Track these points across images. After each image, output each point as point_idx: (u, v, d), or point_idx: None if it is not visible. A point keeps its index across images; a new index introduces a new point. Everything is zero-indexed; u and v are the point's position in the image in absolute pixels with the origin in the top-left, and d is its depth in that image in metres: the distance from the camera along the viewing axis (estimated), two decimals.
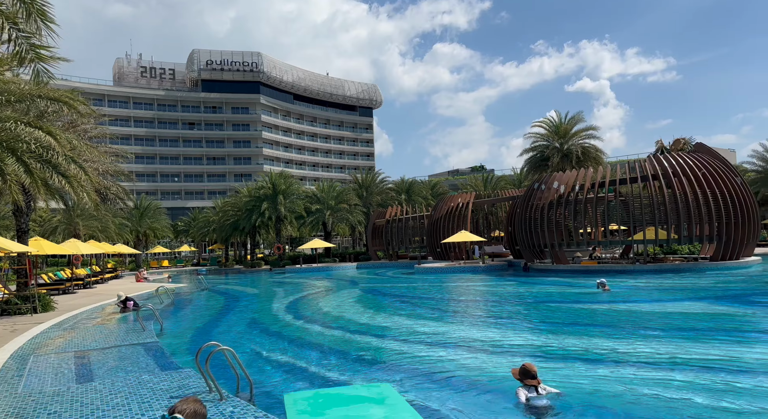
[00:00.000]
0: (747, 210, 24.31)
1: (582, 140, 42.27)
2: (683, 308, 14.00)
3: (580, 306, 15.02)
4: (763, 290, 16.73)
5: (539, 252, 29.86)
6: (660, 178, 25.12)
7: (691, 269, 24.27)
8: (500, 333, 11.47)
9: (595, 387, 6.85)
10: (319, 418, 4.47)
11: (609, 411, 5.94)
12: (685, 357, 8.33)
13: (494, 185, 57.47)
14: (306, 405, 4.97)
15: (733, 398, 6.17)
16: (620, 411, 5.92)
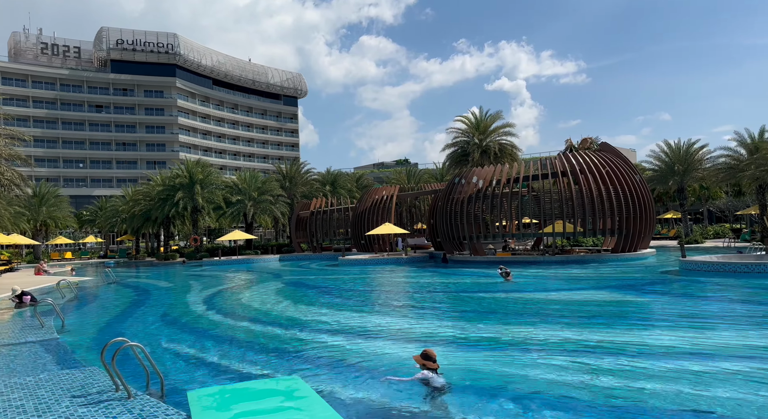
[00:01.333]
0: (644, 206, 26.60)
1: (500, 137, 44.15)
2: (586, 296, 15.11)
3: (491, 296, 15.76)
4: (657, 279, 18.43)
5: (459, 244, 30.91)
6: (568, 174, 26.85)
7: (594, 260, 26.21)
8: (415, 321, 11.77)
9: (494, 369, 7.24)
10: (226, 414, 4.34)
11: (504, 389, 6.29)
12: (585, 341, 8.99)
13: (418, 179, 58.60)
14: (212, 402, 4.81)
15: (632, 379, 6.74)
16: (519, 389, 6.29)
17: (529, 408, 5.72)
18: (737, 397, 5.81)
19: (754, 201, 41.87)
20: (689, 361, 7.35)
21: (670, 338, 9.01)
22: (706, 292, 14.92)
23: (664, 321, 11.02)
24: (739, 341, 8.53)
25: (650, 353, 8.04)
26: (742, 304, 12.74)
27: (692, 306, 12.79)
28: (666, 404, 5.67)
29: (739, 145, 37.79)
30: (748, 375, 6.58)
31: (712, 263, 18.61)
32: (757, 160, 33.31)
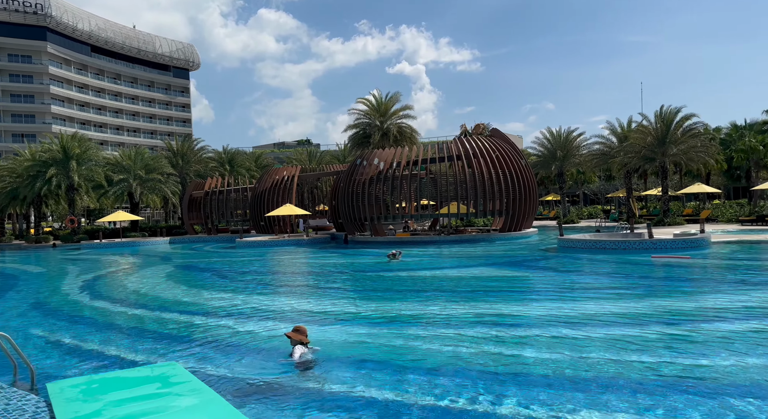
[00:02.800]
0: (529, 189, 28.64)
1: (399, 120, 44.95)
2: (476, 273, 16.03)
3: (391, 275, 16.16)
4: (538, 256, 20.02)
5: (360, 225, 31.21)
6: (463, 158, 28.08)
7: (484, 239, 27.84)
8: (313, 302, 11.73)
9: (383, 342, 7.46)
10: (92, 405, 3.99)
11: (387, 361, 6.51)
12: (474, 313, 9.54)
13: (319, 159, 58.02)
14: (77, 393, 4.40)
15: (517, 348, 7.25)
16: (405, 360, 6.54)
17: (413, 377, 5.94)
18: (611, 358, 6.48)
19: (622, 185, 46.90)
20: (567, 329, 8.08)
21: (550, 308, 9.84)
22: (580, 267, 16.49)
23: (544, 293, 12.03)
24: (608, 309, 9.54)
25: (532, 322, 8.73)
26: (610, 277, 14.27)
27: (568, 280, 14.08)
28: (546, 370, 6.17)
29: (610, 133, 41.89)
30: (620, 339, 7.38)
31: (585, 241, 20.58)
32: (626, 148, 37.16)
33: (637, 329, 7.90)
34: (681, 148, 34.16)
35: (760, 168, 43.44)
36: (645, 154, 35.60)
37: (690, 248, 18.25)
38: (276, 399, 5.50)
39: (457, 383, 5.75)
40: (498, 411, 4.92)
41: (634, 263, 16.19)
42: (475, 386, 5.62)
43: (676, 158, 35.20)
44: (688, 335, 7.52)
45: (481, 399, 5.21)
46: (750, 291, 10.92)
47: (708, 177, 46.15)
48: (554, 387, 5.50)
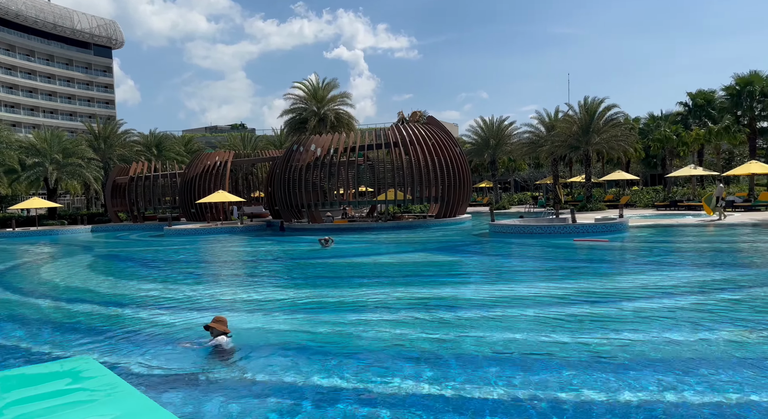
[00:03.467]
0: (463, 176, 29.33)
1: (337, 106, 44.52)
2: (412, 258, 16.27)
3: (326, 261, 16.07)
4: (471, 241, 20.60)
5: (297, 212, 30.78)
6: (400, 145, 28.27)
7: (421, 225, 28.29)
8: (243, 290, 11.44)
9: (309, 329, 7.44)
10: None
11: (313, 348, 6.51)
12: (412, 297, 9.68)
13: (254, 145, 56.43)
14: None
15: (447, 330, 7.42)
16: (332, 346, 6.55)
17: (347, 363, 5.95)
18: (537, 339, 6.78)
19: (549, 172, 49.08)
20: (498, 309, 8.38)
21: (482, 290, 10.17)
22: (509, 251, 17.14)
23: (477, 276, 12.42)
24: (534, 290, 9.97)
25: (466, 304, 8.98)
26: (537, 260, 14.92)
27: (498, 263, 14.60)
28: (480, 348, 6.36)
29: (539, 122, 43.61)
30: (546, 318, 7.72)
31: (514, 226, 21.39)
32: (553, 137, 38.86)
33: (562, 308, 8.31)
34: (603, 137, 36.14)
35: (673, 156, 46.80)
36: (570, 142, 37.38)
37: (610, 232, 19.43)
38: (196, 390, 5.35)
39: (396, 366, 5.80)
40: (440, 392, 5.00)
41: (559, 246, 17.04)
42: (414, 369, 5.69)
43: (598, 147, 37.21)
44: (609, 313, 8.00)
45: (420, 382, 5.28)
46: (664, 271, 11.79)
47: (628, 164, 49.27)
48: (492, 366, 5.67)
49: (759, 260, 13.37)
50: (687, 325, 7.01)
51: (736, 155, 54.21)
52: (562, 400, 4.66)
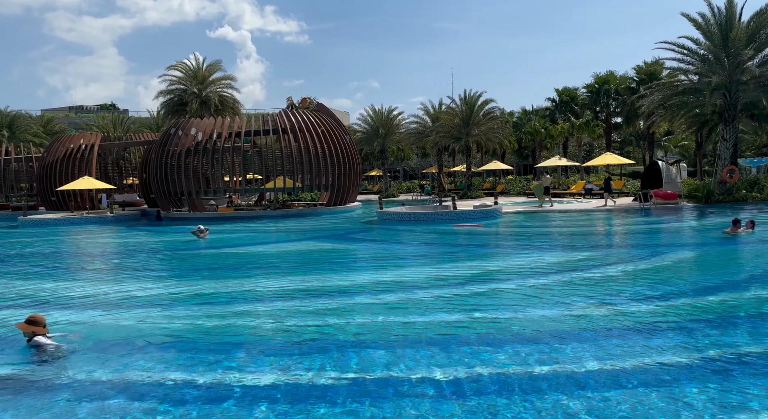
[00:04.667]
0: (353, 164, 29.54)
1: (221, 89, 42.34)
2: (302, 246, 16.11)
3: (206, 252, 15.34)
4: (360, 228, 20.88)
5: (176, 200, 28.91)
6: (288, 132, 27.70)
7: (311, 213, 28.08)
8: (107, 286, 10.53)
9: (177, 324, 7.13)
10: None
11: (178, 342, 6.27)
12: (300, 286, 9.58)
13: (127, 127, 51.82)
14: None
15: (338, 317, 7.44)
16: (203, 340, 6.34)
17: (217, 356, 5.75)
18: (434, 319, 7.04)
19: (435, 161, 51.23)
20: (389, 294, 8.60)
21: (371, 276, 10.36)
22: (396, 237, 17.65)
23: (365, 262, 12.63)
24: (423, 274, 10.38)
25: (355, 291, 9.09)
26: (421, 246, 15.55)
27: (386, 249, 14.98)
28: (372, 335, 6.46)
29: (424, 114, 45.24)
30: (439, 298, 8.06)
31: (401, 213, 22.08)
32: (437, 128, 40.57)
33: (444, 290, 8.76)
34: (482, 129, 38.51)
35: (542, 148, 51.28)
36: (453, 133, 39.34)
37: (486, 218, 20.82)
38: (10, 395, 4.92)
39: (284, 355, 5.69)
40: (329, 380, 4.99)
41: (441, 232, 17.92)
42: (301, 358, 5.62)
43: (477, 138, 39.59)
44: (487, 292, 8.58)
45: (309, 370, 5.22)
46: (530, 252, 12.90)
47: (503, 155, 52.99)
48: (380, 349, 5.78)
49: (611, 241, 15.20)
50: (551, 301, 7.75)
51: (595, 147, 60.77)
52: (436, 378, 4.90)
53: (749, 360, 5.16)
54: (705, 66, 24.75)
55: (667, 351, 5.50)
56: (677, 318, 6.76)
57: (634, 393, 4.44)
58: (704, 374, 4.86)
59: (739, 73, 23.38)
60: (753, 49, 23.47)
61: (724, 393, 4.42)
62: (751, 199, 23.89)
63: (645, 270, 10.34)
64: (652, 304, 7.45)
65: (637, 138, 51.46)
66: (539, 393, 4.50)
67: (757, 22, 23.50)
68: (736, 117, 24.86)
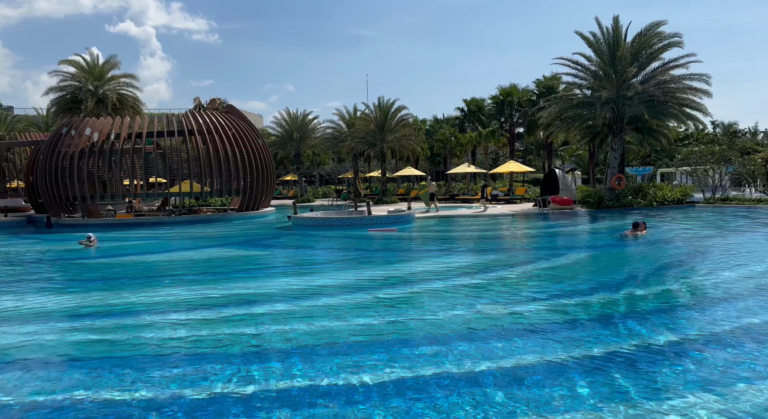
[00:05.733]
0: (266, 168, 28.78)
1: (120, 87, 39.55)
2: (209, 254, 15.36)
3: (98, 262, 14.19)
4: (273, 234, 20.34)
5: (68, 205, 26.51)
6: (195, 133, 26.43)
7: (221, 219, 26.95)
8: None
9: (69, 340, 6.56)
10: None
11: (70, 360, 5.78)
12: (207, 294, 9.09)
13: (11, 126, 46.79)
14: None
15: (252, 326, 7.11)
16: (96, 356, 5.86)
17: (103, 373, 5.31)
18: (340, 325, 6.92)
19: (351, 166, 51.34)
20: (301, 300, 8.39)
21: (283, 282, 10.07)
22: (310, 242, 17.41)
23: (277, 269, 12.29)
24: (337, 279, 10.26)
25: (266, 299, 8.77)
26: (336, 251, 15.44)
27: (299, 255, 14.70)
28: (280, 344, 6.22)
29: (340, 119, 45.28)
30: (350, 303, 7.95)
31: (316, 218, 21.84)
32: (353, 133, 40.74)
33: (361, 294, 8.71)
34: (396, 135, 39.24)
35: (453, 155, 53.21)
36: (368, 139, 39.73)
37: (399, 223, 21.16)
38: None
39: (184, 369, 5.31)
40: (238, 392, 4.72)
41: (356, 237, 17.93)
42: (212, 371, 5.29)
43: (392, 144, 40.28)
44: (401, 296, 8.65)
45: (216, 383, 4.91)
46: (441, 256, 13.26)
47: (417, 161, 54.32)
48: (296, 358, 5.58)
49: (514, 244, 16.02)
50: (464, 303, 7.98)
51: (501, 155, 64.18)
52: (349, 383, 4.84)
53: (639, 355, 5.60)
54: (596, 81, 27.02)
55: (561, 347, 5.84)
56: (577, 316, 7.23)
57: (526, 390, 4.65)
58: (594, 369, 5.20)
59: (625, 88, 25.77)
60: (636, 67, 25.98)
61: (606, 386, 4.76)
62: (636, 205, 26.35)
63: (544, 270, 11.00)
64: (549, 303, 7.92)
65: (538, 147, 55.04)
66: (451, 392, 4.58)
67: (639, 43, 26.07)
68: (622, 129, 27.35)
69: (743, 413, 4.05)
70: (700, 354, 5.49)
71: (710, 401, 4.27)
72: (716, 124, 59.86)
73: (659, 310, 7.38)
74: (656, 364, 5.17)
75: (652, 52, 26.15)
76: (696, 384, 4.64)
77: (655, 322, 6.70)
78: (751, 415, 4.01)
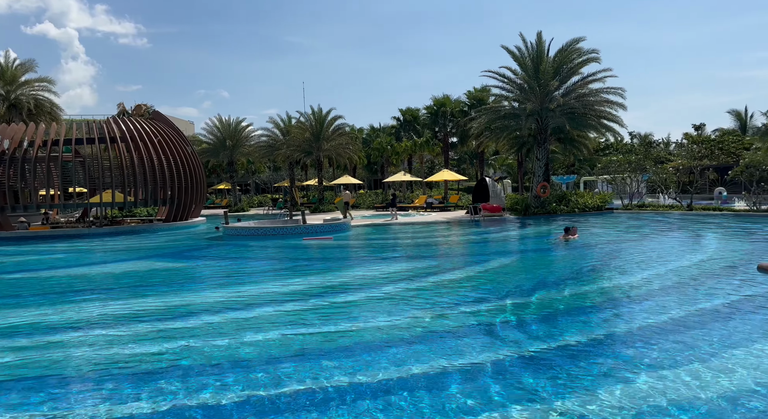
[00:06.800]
0: (195, 177, 27.81)
1: (36, 91, 36.98)
2: (132, 267, 14.60)
3: (13, 277, 13.15)
4: (203, 245, 19.64)
5: None
6: (118, 141, 25.15)
7: (146, 230, 25.70)
8: None
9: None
10: None
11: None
12: (133, 311, 8.62)
13: None
14: None
15: (182, 340, 6.80)
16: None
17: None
18: (279, 336, 6.75)
19: (287, 175, 50.61)
20: (233, 312, 8.15)
21: (213, 295, 9.73)
22: (243, 253, 16.96)
23: (207, 281, 11.86)
24: (271, 289, 10.04)
25: (193, 312, 8.43)
26: (270, 261, 15.14)
27: (231, 266, 14.27)
28: (203, 360, 5.99)
29: (275, 127, 44.61)
30: (285, 315, 7.78)
31: (249, 228, 21.33)
32: (288, 142, 40.25)
33: (296, 304, 8.57)
34: (332, 144, 39.17)
35: (390, 164, 53.80)
36: (304, 148, 39.40)
37: (336, 231, 21.09)
38: None
39: (108, 388, 4.99)
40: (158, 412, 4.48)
41: (291, 246, 17.68)
42: (136, 388, 5.00)
43: (328, 153, 40.17)
44: (335, 305, 8.59)
45: (144, 401, 4.64)
46: (379, 263, 13.32)
47: (354, 170, 54.46)
48: (206, 374, 5.39)
49: (447, 251, 16.38)
50: (392, 310, 8.05)
51: (436, 164, 65.58)
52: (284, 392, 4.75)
53: (550, 355, 5.88)
54: (521, 94, 28.30)
55: (479, 349, 6.04)
56: (505, 317, 7.49)
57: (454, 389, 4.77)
58: (518, 367, 5.41)
59: (548, 101, 27.17)
60: (558, 80, 27.47)
61: (519, 384, 4.97)
62: (560, 211, 27.73)
63: (474, 276, 11.32)
64: (481, 306, 8.16)
65: (471, 156, 56.74)
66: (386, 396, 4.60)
67: (561, 58, 27.60)
68: (547, 139, 28.77)
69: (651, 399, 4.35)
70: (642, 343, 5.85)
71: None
72: (633, 135, 64.29)
73: (604, 302, 7.81)
74: (608, 350, 5.46)
75: (572, 66, 27.74)
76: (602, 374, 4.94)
77: (594, 317, 7.07)
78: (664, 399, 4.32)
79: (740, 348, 5.80)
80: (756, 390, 4.63)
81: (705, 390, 4.64)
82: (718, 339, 6.15)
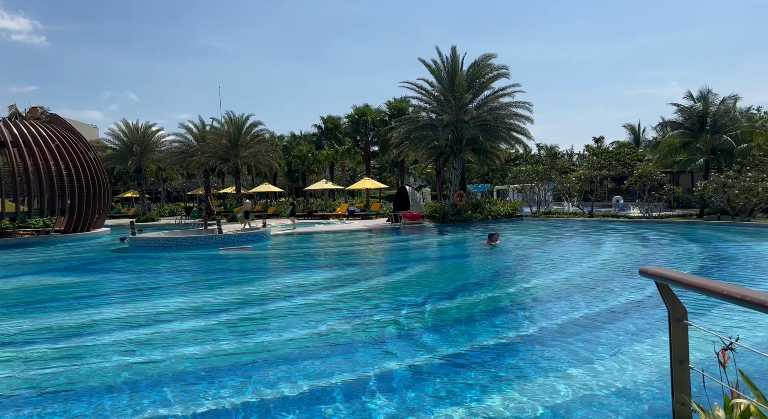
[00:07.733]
0: (98, 185, 25.89)
1: None
2: (25, 282, 13.26)
3: None
4: (107, 258, 18.26)
5: None
6: (9, 145, 22.88)
7: (41, 242, 23.52)
8: None
9: None
10: None
11: None
12: (30, 329, 7.78)
13: None
14: None
15: (69, 361, 6.20)
16: None
17: None
18: (199, 351, 6.33)
19: (202, 183, 48.52)
20: (141, 329, 7.60)
21: (116, 312, 9.03)
22: (150, 265, 15.98)
23: (110, 296, 11.01)
24: (180, 303, 9.48)
25: (91, 331, 7.77)
26: (182, 272, 14.36)
27: (136, 279, 13.37)
28: (100, 380, 5.51)
29: (188, 133, 42.67)
30: (197, 330, 7.33)
31: (158, 238, 20.16)
32: (203, 148, 38.63)
33: (209, 318, 8.15)
34: (250, 151, 38.15)
35: (311, 172, 53.29)
36: (221, 154, 38.02)
37: (254, 241, 20.49)
38: None
39: None
40: None
41: (206, 257, 16.91)
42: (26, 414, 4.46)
43: (246, 160, 39.06)
44: (248, 317, 8.27)
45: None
46: (298, 272, 13.07)
47: (275, 177, 53.36)
48: (126, 392, 4.96)
49: (368, 258, 16.44)
50: (313, 320, 7.91)
51: (358, 172, 65.88)
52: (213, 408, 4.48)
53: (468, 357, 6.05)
54: (438, 105, 29.22)
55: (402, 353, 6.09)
56: (429, 322, 7.60)
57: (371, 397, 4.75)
58: (438, 371, 5.51)
59: (463, 113, 28.27)
60: (472, 93, 28.67)
61: (449, 386, 5.07)
62: (475, 219, 28.86)
63: (397, 282, 11.44)
64: (405, 312, 8.24)
65: (392, 165, 57.62)
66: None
67: (474, 72, 28.85)
68: (462, 150, 29.88)
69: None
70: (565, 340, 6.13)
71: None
72: (541, 147, 68.52)
73: (532, 300, 8.12)
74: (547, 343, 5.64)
75: (484, 81, 29.09)
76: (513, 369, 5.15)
77: (529, 312, 7.34)
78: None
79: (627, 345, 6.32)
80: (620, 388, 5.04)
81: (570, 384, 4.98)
82: (605, 340, 6.66)
